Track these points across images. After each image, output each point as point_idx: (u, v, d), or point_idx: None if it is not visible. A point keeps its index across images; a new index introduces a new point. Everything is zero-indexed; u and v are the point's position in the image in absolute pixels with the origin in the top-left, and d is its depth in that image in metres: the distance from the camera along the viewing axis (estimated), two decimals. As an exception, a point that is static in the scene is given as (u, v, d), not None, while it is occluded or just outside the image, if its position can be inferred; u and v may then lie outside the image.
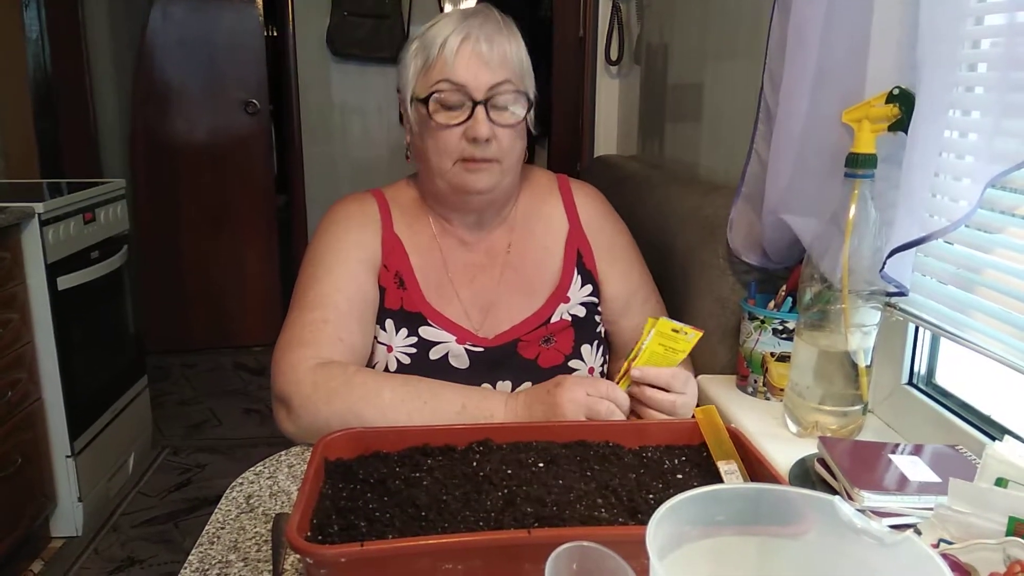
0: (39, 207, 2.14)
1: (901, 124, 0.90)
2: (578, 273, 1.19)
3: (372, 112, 4.16)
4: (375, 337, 1.14)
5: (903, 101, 0.89)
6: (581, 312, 1.19)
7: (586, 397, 0.94)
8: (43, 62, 3.05)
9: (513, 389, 1.13)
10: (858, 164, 0.92)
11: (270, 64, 3.84)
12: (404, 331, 1.14)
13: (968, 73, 0.90)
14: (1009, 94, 0.81)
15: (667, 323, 0.98)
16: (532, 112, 1.12)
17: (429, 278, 1.16)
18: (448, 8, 4.05)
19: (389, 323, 1.14)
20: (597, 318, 1.20)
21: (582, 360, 1.18)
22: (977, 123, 0.88)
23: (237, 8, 3.72)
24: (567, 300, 1.18)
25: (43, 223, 2.17)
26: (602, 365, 1.22)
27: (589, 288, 1.20)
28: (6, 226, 2.04)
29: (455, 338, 1.13)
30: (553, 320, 1.17)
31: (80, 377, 2.35)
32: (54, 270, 2.22)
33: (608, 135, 2.43)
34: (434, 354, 1.13)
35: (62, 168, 3.15)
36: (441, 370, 1.12)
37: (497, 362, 1.14)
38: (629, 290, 1.23)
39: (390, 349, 1.13)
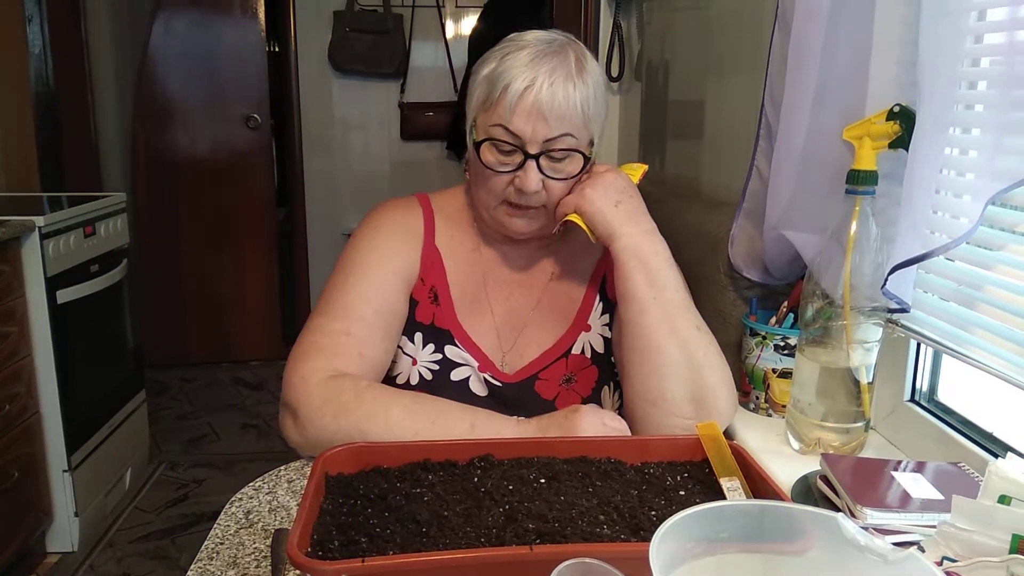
0: (39, 220, 2.15)
1: (902, 141, 0.90)
2: (600, 300, 1.16)
3: (373, 127, 4.17)
4: (401, 348, 1.12)
5: (904, 118, 0.90)
6: (600, 347, 1.16)
7: (603, 426, 0.94)
8: (45, 76, 3.06)
9: None
10: (859, 181, 0.92)
11: (272, 79, 3.86)
12: (431, 347, 1.12)
13: (968, 91, 0.90)
14: (1009, 112, 0.81)
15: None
16: (593, 152, 1.07)
17: (465, 290, 1.14)
18: (449, 25, 4.07)
19: (418, 336, 1.12)
20: (613, 359, 1.17)
21: (599, 405, 1.14)
22: (977, 141, 0.89)
23: (239, 23, 3.74)
24: (588, 328, 1.15)
25: (43, 236, 2.17)
26: (618, 410, 1.18)
27: (607, 317, 1.16)
28: (6, 239, 2.04)
29: (477, 365, 1.11)
30: (574, 351, 1.14)
31: (78, 391, 2.34)
32: (54, 283, 2.22)
33: (609, 151, 2.44)
34: (456, 375, 1.12)
35: (63, 181, 3.15)
36: (461, 391, 1.10)
37: (514, 399, 1.12)
38: None
39: (415, 362, 1.12)
